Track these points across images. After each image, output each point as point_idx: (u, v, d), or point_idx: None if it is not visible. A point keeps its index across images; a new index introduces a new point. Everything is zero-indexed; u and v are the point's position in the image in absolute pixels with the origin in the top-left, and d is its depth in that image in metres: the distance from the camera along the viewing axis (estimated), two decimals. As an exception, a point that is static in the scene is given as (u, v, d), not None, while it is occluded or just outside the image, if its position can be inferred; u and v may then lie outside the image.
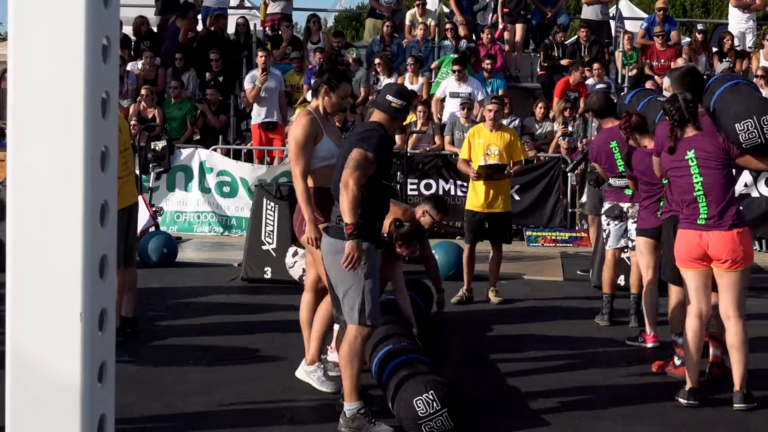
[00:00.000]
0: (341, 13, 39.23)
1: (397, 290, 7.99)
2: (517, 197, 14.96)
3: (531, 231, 14.79)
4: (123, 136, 8.50)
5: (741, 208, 7.01)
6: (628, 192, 8.95)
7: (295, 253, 7.88)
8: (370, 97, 15.47)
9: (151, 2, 18.85)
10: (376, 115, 6.52)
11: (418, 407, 6.16)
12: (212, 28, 18.04)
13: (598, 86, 15.30)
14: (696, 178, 6.82)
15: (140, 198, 9.61)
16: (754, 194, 14.68)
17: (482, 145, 10.44)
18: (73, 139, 1.89)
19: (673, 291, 7.76)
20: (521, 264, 12.84)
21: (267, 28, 18.60)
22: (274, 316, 9.43)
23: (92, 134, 1.90)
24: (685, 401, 7.00)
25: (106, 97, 1.98)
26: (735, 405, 6.89)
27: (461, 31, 17.71)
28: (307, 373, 7.12)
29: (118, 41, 2.03)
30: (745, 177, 14.63)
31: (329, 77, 7.07)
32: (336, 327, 7.13)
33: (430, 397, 6.17)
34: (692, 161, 6.84)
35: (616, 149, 8.86)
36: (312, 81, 7.58)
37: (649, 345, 8.59)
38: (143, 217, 11.45)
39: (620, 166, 8.82)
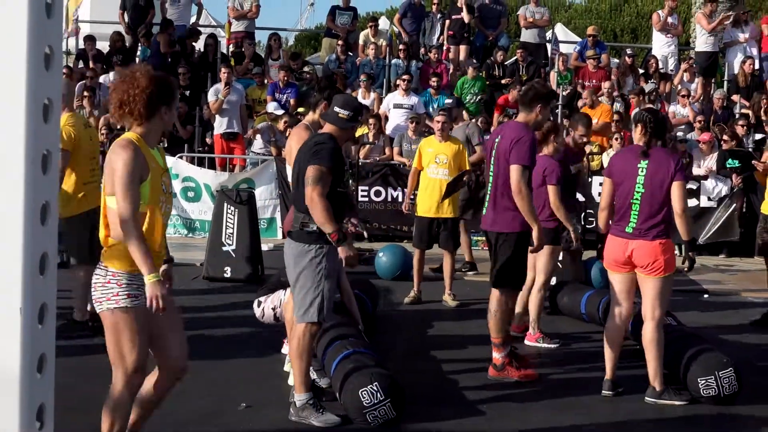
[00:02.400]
0: (301, 33, 39.09)
1: (342, 290, 7.93)
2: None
3: (474, 236, 14.74)
4: (93, 145, 8.42)
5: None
6: None
7: (258, 304, 7.76)
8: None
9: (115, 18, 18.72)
10: (327, 127, 6.47)
11: (363, 397, 6.13)
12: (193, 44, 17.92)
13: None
14: (638, 187, 6.83)
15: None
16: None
17: (432, 155, 10.41)
18: (14, 143, 1.83)
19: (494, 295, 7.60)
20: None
21: (232, 45, 18.47)
22: (232, 312, 9.34)
23: (34, 138, 1.84)
24: (604, 391, 7.06)
25: (49, 103, 1.91)
26: (646, 398, 6.94)
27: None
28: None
29: (61, 50, 1.97)
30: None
31: (330, 94, 7.03)
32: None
33: (375, 388, 6.14)
34: (642, 170, 6.85)
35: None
36: (312, 96, 7.49)
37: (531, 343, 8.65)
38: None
39: None
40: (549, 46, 18.30)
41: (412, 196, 10.66)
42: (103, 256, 4.90)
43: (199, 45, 18.67)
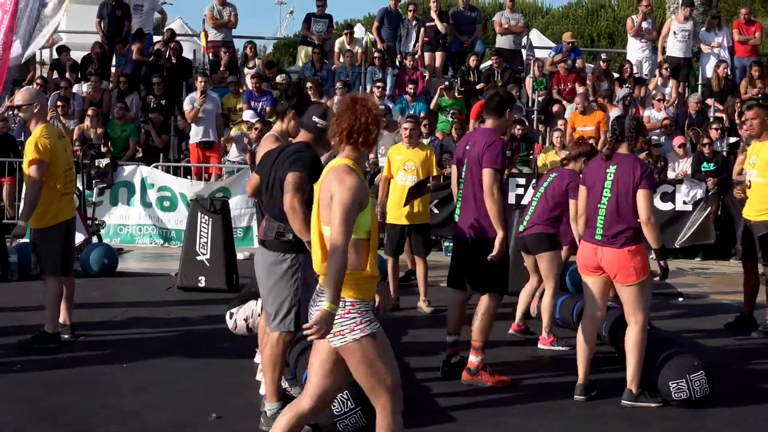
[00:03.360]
0: (279, 41, 39.04)
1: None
2: (436, 210, 14.95)
3: (449, 242, 14.74)
4: (67, 156, 8.39)
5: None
6: None
7: (230, 315, 7.72)
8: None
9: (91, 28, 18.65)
10: (303, 135, 6.45)
11: (334, 406, 6.09)
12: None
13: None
14: (606, 192, 6.83)
15: (76, 213, 9.42)
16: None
17: (400, 162, 10.41)
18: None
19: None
20: (439, 272, 12.76)
21: (210, 55, 18.40)
22: (205, 321, 9.28)
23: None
24: (576, 396, 7.07)
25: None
26: (623, 401, 6.95)
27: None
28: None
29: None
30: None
31: (297, 102, 6.99)
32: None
33: (345, 396, 6.12)
34: (610, 176, 6.86)
35: None
36: (279, 105, 7.43)
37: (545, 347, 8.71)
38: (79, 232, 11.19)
39: None
40: (524, 52, 18.31)
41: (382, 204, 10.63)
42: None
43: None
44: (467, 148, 7.40)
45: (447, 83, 17.07)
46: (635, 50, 18.12)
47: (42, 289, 8.65)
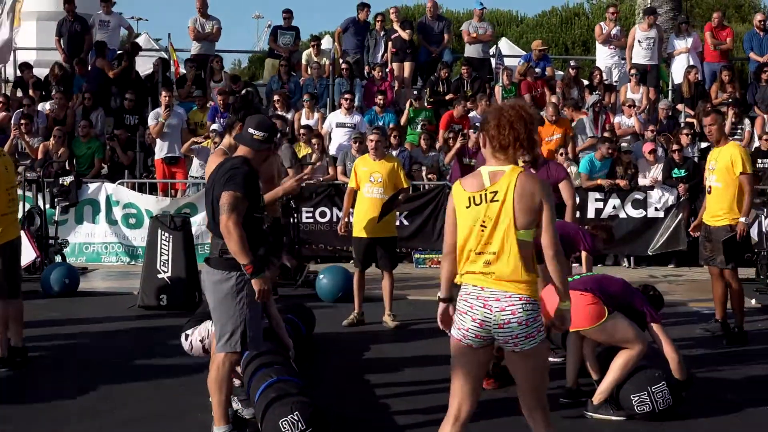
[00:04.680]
0: (254, 54, 38.81)
1: (269, 315, 7.71)
2: (406, 222, 14.83)
3: (419, 254, 14.62)
4: (9, 175, 8.20)
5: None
6: None
7: (185, 337, 7.54)
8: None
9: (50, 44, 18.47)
10: (241, 149, 6.27)
11: (284, 428, 5.94)
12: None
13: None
14: None
15: (22, 233, 9.23)
16: (622, 215, 14.76)
17: (366, 173, 10.24)
18: None
19: None
20: (407, 285, 12.62)
21: (186, 68, 18.21)
22: (163, 341, 9.01)
23: None
24: (562, 399, 7.08)
25: None
26: (585, 412, 6.92)
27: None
28: None
29: None
30: (614, 200, 14.74)
31: (245, 115, 6.81)
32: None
33: (295, 417, 5.96)
34: None
35: None
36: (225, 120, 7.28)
37: None
38: (26, 251, 10.97)
39: None
40: (493, 61, 18.20)
41: (348, 217, 10.50)
42: (526, 289, 4.75)
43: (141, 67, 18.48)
44: None
45: (415, 93, 16.93)
46: (604, 57, 18.07)
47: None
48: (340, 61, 18.12)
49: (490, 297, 4.75)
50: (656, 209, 14.78)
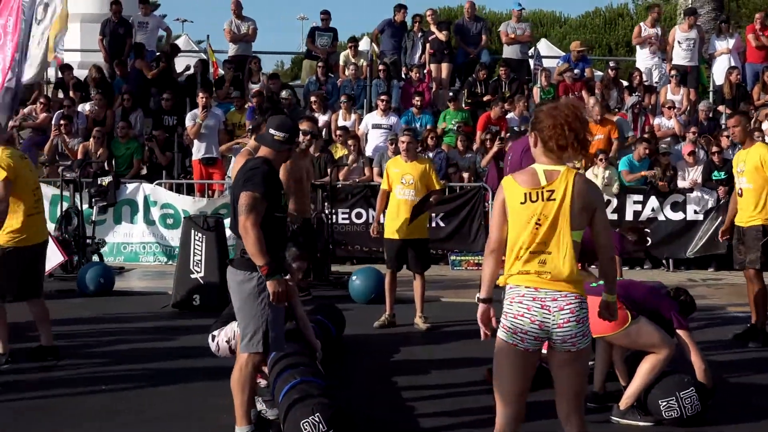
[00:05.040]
0: (297, 56, 38.90)
1: (297, 317, 7.71)
2: (442, 223, 14.81)
3: (455, 255, 14.57)
4: (33, 175, 8.36)
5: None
6: None
7: (212, 338, 7.57)
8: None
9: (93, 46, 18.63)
10: (262, 150, 6.28)
11: (305, 429, 5.93)
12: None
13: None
14: None
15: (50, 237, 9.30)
16: (660, 218, 14.61)
17: (398, 175, 10.20)
18: None
19: None
20: (442, 286, 12.57)
21: (224, 69, 18.33)
22: (193, 341, 9.04)
23: None
24: (588, 403, 6.88)
25: None
26: (611, 417, 6.85)
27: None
28: None
29: None
30: (653, 202, 14.59)
31: (270, 114, 6.83)
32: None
33: (317, 419, 5.94)
34: None
35: None
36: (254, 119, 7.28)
37: None
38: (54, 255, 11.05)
39: None
40: (532, 62, 18.10)
41: (380, 219, 10.48)
42: (579, 287, 4.77)
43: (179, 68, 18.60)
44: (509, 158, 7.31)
45: (451, 94, 16.87)
46: (644, 58, 17.88)
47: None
48: (378, 62, 18.11)
49: (546, 297, 4.71)
50: (696, 212, 14.63)
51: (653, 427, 6.73)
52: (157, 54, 18.20)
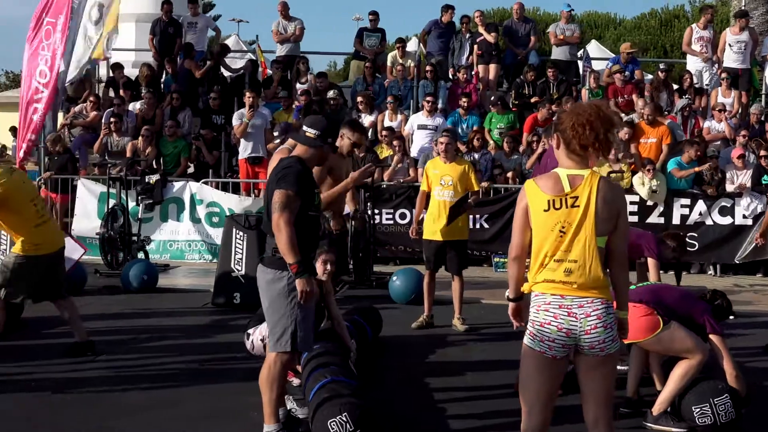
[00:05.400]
0: (349, 56, 39.02)
1: (331, 316, 7.75)
2: (486, 225, 14.77)
3: (499, 257, 14.50)
4: (27, 186, 8.17)
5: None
6: None
7: (247, 336, 7.63)
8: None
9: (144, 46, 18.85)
10: (297, 149, 6.32)
11: (332, 428, 5.95)
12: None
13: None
14: None
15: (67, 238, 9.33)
16: (708, 222, 14.42)
17: (437, 176, 10.21)
18: None
19: None
20: (483, 288, 12.53)
21: (272, 69, 18.46)
22: (231, 339, 9.05)
23: None
24: (622, 409, 6.91)
25: None
26: (644, 422, 6.78)
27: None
28: None
29: None
30: (700, 206, 14.41)
31: (351, 125, 6.90)
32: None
33: (344, 418, 5.95)
34: None
35: None
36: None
37: None
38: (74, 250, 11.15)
39: None
40: (581, 63, 17.97)
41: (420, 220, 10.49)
42: (605, 292, 4.73)
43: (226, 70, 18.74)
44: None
45: (492, 98, 16.79)
46: (695, 60, 17.63)
47: (79, 305, 8.72)
48: (425, 63, 18.10)
49: (572, 305, 4.66)
50: (744, 216, 14.40)
51: (685, 433, 6.66)
52: (206, 53, 18.35)
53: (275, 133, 14.79)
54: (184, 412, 6.95)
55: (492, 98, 16.84)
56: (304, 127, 6.24)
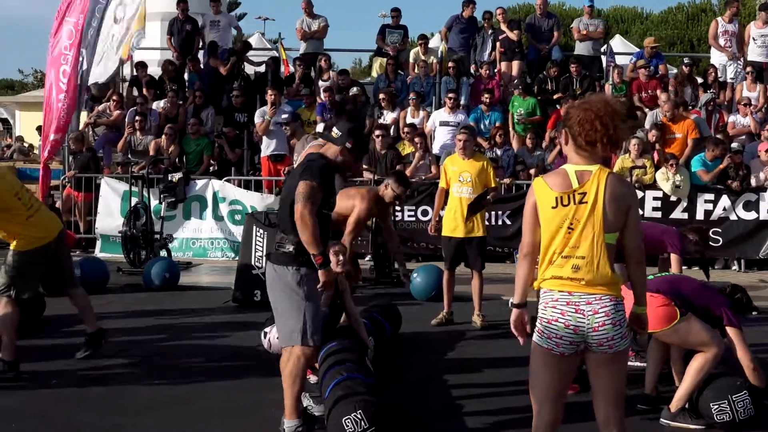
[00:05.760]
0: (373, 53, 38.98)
1: (348, 313, 7.75)
2: (508, 221, 14.72)
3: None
4: (6, 183, 7.87)
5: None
6: None
7: (264, 335, 7.65)
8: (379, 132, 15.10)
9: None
10: (324, 147, 6.35)
11: (347, 426, 5.94)
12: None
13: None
14: None
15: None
16: (732, 217, 14.31)
17: (456, 173, 10.19)
18: None
19: None
20: (504, 285, 12.46)
21: (294, 66, 18.50)
22: (249, 337, 9.10)
23: None
24: (640, 405, 6.92)
25: None
26: (661, 419, 6.72)
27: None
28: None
29: None
30: (724, 201, 14.30)
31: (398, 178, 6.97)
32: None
33: (359, 416, 5.94)
34: None
35: None
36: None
37: None
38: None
39: None
40: (604, 58, 17.87)
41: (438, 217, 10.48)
42: (614, 289, 4.67)
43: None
44: None
45: (515, 82, 16.74)
46: (719, 54, 17.48)
47: (101, 302, 8.75)
48: (447, 59, 18.05)
49: (580, 301, 4.61)
50: (769, 211, 14.30)
51: (704, 430, 6.60)
52: (229, 51, 18.39)
53: (283, 117, 14.70)
54: (202, 408, 6.97)
55: (515, 82, 16.82)
56: (334, 129, 6.27)
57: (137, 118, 16.22)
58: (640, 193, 13.57)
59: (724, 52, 17.28)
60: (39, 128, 18.94)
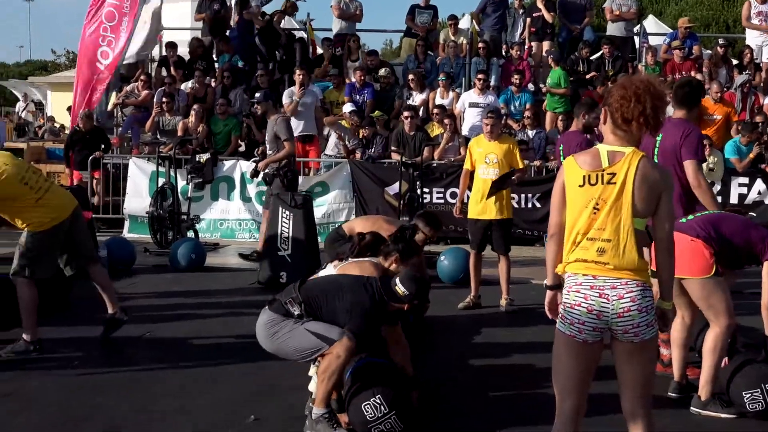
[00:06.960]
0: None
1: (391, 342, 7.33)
2: (538, 204, 14.54)
3: (550, 237, 14.24)
4: (11, 168, 7.67)
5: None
6: None
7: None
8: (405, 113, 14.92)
9: (199, 25, 18.82)
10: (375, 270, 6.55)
11: (366, 411, 5.87)
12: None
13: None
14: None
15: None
16: (767, 201, 14.07)
17: (481, 154, 10.06)
18: None
19: None
20: (534, 268, 12.32)
21: (323, 47, 18.37)
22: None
23: None
24: (670, 393, 6.78)
25: None
26: (691, 408, 6.57)
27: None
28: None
29: None
30: (759, 185, 14.05)
31: (403, 248, 6.75)
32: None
33: (378, 401, 5.86)
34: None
35: None
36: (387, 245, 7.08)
37: None
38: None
39: None
40: (637, 39, 17.59)
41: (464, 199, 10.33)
42: (642, 274, 4.49)
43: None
44: (658, 139, 7.02)
45: (549, 56, 16.56)
46: (755, 35, 17.17)
47: (128, 283, 8.60)
48: (478, 40, 17.85)
49: (605, 285, 4.44)
50: (798, 194, 14.04)
51: (736, 419, 6.43)
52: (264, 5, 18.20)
53: (256, 96, 14.55)
54: (224, 393, 6.88)
55: (547, 56, 16.66)
56: (397, 279, 6.06)
57: (165, 98, 16.14)
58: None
59: (759, 28, 16.93)
60: (69, 108, 18.92)
